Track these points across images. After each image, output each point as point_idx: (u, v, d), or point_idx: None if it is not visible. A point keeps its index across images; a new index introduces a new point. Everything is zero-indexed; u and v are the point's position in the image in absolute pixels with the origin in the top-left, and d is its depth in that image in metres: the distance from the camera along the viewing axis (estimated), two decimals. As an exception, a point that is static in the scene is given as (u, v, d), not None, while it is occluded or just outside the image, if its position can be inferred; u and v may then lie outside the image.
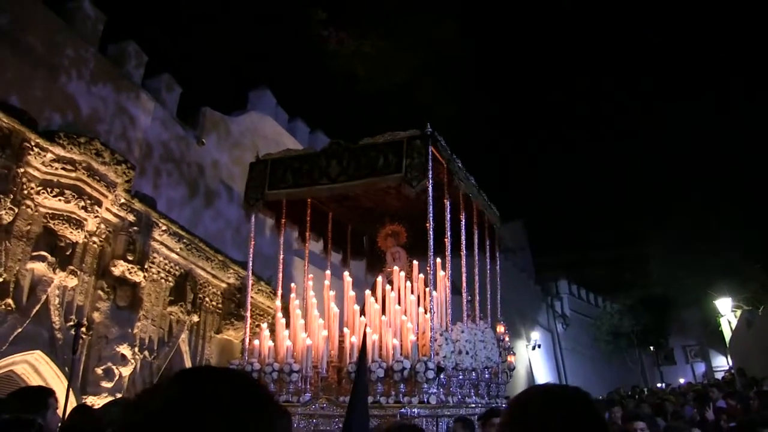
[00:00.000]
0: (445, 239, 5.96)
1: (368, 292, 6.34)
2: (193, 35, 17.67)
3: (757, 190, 19.90)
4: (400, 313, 5.67)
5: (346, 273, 6.90)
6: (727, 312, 19.58)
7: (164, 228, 8.61)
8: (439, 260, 6.20)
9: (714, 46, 25.30)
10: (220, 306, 9.81)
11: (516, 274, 22.20)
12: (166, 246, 8.73)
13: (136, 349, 7.96)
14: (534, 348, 22.79)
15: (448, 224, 5.96)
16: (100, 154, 7.45)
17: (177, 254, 8.93)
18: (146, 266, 8.23)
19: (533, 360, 22.89)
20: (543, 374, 23.03)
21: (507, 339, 7.59)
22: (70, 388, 6.12)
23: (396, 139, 5.66)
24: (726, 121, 23.19)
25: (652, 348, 28.36)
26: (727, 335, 20.10)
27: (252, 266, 6.52)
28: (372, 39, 21.70)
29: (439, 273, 6.23)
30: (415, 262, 6.63)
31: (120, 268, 7.77)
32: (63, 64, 8.29)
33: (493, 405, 6.18)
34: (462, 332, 5.82)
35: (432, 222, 5.41)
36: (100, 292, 7.63)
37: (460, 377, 5.82)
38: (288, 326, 6.06)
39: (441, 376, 5.20)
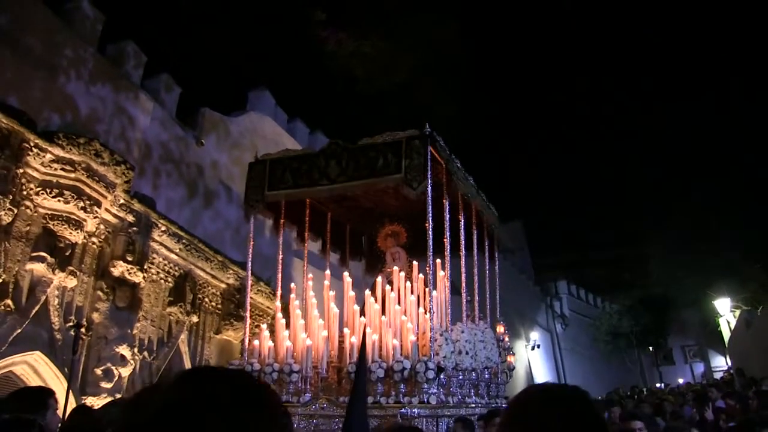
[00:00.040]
0: (444, 239, 5.97)
1: (368, 293, 6.34)
2: (193, 35, 17.68)
3: (757, 190, 19.90)
4: (400, 314, 5.67)
5: (346, 273, 6.90)
6: (726, 312, 19.58)
7: (163, 228, 8.61)
8: (439, 261, 6.20)
9: (714, 46, 25.34)
10: (220, 306, 9.81)
11: (515, 275, 22.18)
12: (166, 246, 8.72)
13: (136, 350, 7.96)
14: (533, 348, 22.79)
15: (447, 224, 5.97)
16: (100, 155, 7.45)
17: (176, 255, 8.92)
18: (145, 267, 8.23)
19: (532, 360, 22.89)
20: (542, 374, 23.03)
21: (507, 339, 7.60)
22: (70, 389, 6.12)
23: (395, 140, 5.66)
24: (726, 121, 23.21)
25: (651, 348, 28.38)
26: (726, 335, 20.11)
27: (251, 267, 6.52)
28: (372, 39, 21.71)
29: (439, 273, 6.23)
30: (415, 263, 6.64)
31: (119, 269, 7.77)
32: (62, 65, 8.28)
33: (493, 405, 6.19)
34: (462, 332, 5.82)
35: (431, 222, 5.41)
36: (100, 293, 7.63)
37: (460, 377, 5.82)
38: (288, 326, 6.06)
39: (441, 376, 5.20)
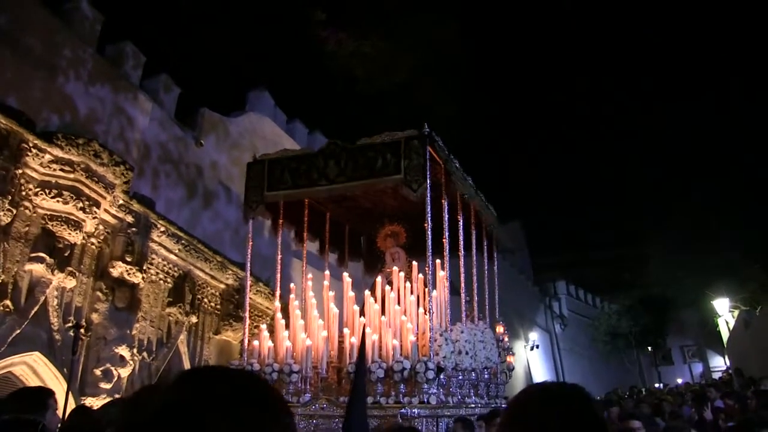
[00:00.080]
0: (444, 240, 5.97)
1: (368, 293, 6.34)
2: (192, 36, 17.66)
3: (757, 190, 19.90)
4: (400, 314, 5.67)
5: (346, 273, 6.90)
6: (725, 312, 19.58)
7: (163, 229, 8.60)
8: (438, 261, 6.20)
9: (714, 46, 25.35)
10: (219, 307, 9.80)
11: (514, 275, 22.18)
12: (165, 247, 8.72)
13: (135, 351, 7.95)
14: (532, 348, 22.79)
15: (446, 225, 5.97)
16: (99, 156, 7.45)
17: (175, 255, 8.92)
18: (145, 267, 8.22)
19: (531, 360, 22.90)
20: (541, 375, 23.03)
21: (506, 339, 7.61)
22: (69, 390, 6.11)
23: (393, 140, 5.66)
24: (726, 121, 23.22)
25: (650, 348, 28.38)
26: (725, 335, 20.12)
27: (250, 267, 6.51)
28: (371, 39, 21.68)
29: (439, 273, 6.23)
30: (415, 263, 6.63)
31: (118, 270, 7.76)
32: (61, 65, 8.27)
33: (493, 405, 6.19)
34: (462, 332, 5.82)
35: (430, 222, 5.41)
36: (99, 294, 7.62)
37: (460, 377, 5.82)
38: (287, 327, 6.06)
39: (441, 377, 5.21)
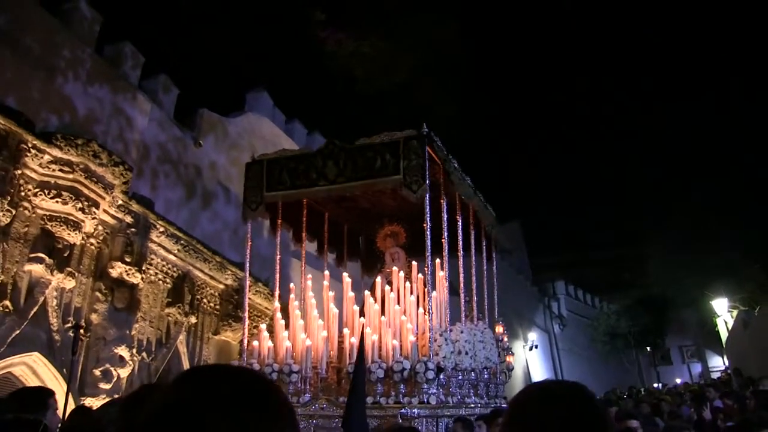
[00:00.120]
0: (443, 240, 5.97)
1: (368, 293, 6.34)
2: (191, 36, 17.66)
3: (757, 190, 19.89)
4: (400, 314, 5.67)
5: (345, 274, 6.90)
6: (724, 312, 19.61)
7: (162, 229, 8.60)
8: (438, 261, 6.20)
9: (714, 46, 25.36)
10: (218, 307, 9.80)
11: (513, 275, 22.19)
12: (164, 247, 8.71)
13: (134, 351, 7.95)
14: (531, 348, 22.79)
15: (445, 225, 5.97)
16: (98, 156, 7.45)
17: (175, 256, 8.91)
18: (144, 268, 8.22)
19: (530, 361, 22.91)
20: (540, 375, 23.04)
21: (505, 339, 7.61)
22: (69, 391, 6.10)
23: (392, 140, 5.66)
24: (726, 121, 23.21)
25: (649, 348, 28.39)
26: (724, 336, 20.13)
27: (249, 267, 6.51)
28: (371, 39, 21.66)
29: (438, 273, 6.23)
30: (414, 263, 6.63)
31: (118, 270, 7.75)
32: (60, 66, 8.26)
33: (492, 405, 6.19)
34: (461, 333, 5.83)
35: (429, 222, 5.42)
36: (98, 294, 7.62)
37: (460, 377, 5.82)
38: (287, 327, 6.06)
39: (441, 377, 5.21)
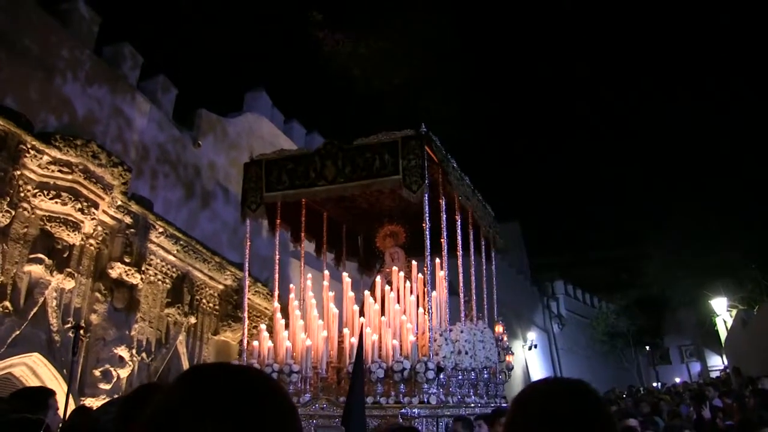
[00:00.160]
0: (441, 240, 5.97)
1: (367, 293, 6.34)
2: (189, 37, 17.63)
3: (757, 190, 19.87)
4: (400, 314, 5.67)
5: (345, 274, 6.90)
6: (723, 312, 19.65)
7: (161, 230, 8.59)
8: (438, 260, 6.21)
9: (714, 46, 25.34)
10: (217, 308, 9.80)
11: (512, 275, 22.21)
12: (163, 248, 8.71)
13: (134, 351, 7.94)
14: (530, 348, 22.81)
15: (444, 225, 5.97)
16: (97, 157, 7.44)
17: (174, 256, 8.91)
18: (143, 268, 8.21)
19: (530, 360, 22.93)
20: (539, 374, 23.05)
21: (505, 339, 7.62)
22: (69, 391, 6.10)
23: (391, 140, 5.65)
24: (726, 121, 23.19)
25: (648, 348, 28.43)
26: (723, 335, 20.17)
27: (249, 268, 6.50)
28: (370, 40, 21.64)
29: (438, 273, 6.23)
30: (414, 263, 6.63)
31: (117, 270, 7.75)
32: (58, 66, 8.26)
33: (492, 405, 6.20)
34: (461, 332, 5.83)
35: (428, 222, 5.42)
36: (98, 294, 7.61)
37: (460, 377, 5.82)
38: (287, 327, 6.06)
39: (441, 376, 5.21)
